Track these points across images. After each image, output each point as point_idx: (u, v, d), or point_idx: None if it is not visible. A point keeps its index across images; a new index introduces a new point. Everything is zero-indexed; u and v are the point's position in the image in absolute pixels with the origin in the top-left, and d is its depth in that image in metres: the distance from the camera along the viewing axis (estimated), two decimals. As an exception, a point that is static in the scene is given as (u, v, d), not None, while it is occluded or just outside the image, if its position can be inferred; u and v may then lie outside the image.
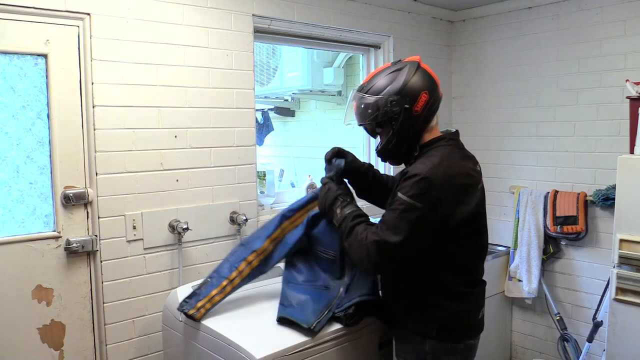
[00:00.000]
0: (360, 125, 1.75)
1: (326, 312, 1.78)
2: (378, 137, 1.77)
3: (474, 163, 1.76)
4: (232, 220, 2.63)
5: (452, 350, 1.72)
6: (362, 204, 1.92)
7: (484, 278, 1.82)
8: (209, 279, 1.92)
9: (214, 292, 1.87)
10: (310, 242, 1.93)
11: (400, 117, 1.65)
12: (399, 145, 1.70)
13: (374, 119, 1.67)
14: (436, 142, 1.70)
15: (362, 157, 3.59)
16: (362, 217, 1.71)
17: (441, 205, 1.57)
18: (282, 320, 1.78)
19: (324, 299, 1.84)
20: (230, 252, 1.98)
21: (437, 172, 1.58)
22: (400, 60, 1.73)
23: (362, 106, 1.70)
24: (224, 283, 1.88)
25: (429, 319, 1.70)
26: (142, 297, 2.38)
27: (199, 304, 1.85)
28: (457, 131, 1.78)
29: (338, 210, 1.74)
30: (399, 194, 1.59)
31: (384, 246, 1.58)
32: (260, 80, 4.16)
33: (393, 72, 1.68)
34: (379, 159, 1.82)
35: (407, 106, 1.64)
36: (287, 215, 1.94)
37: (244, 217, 2.64)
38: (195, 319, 1.83)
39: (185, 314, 1.85)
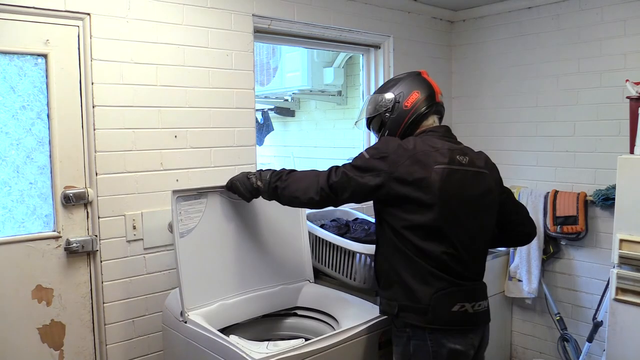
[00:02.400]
0: (367, 124, 2.01)
1: None
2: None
3: (461, 153, 1.81)
4: (232, 220, 2.63)
5: (424, 344, 1.72)
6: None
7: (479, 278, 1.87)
8: None
9: None
10: None
11: (391, 109, 1.89)
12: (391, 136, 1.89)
13: (371, 112, 1.95)
14: (416, 135, 1.87)
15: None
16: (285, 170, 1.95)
17: (385, 160, 1.72)
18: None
19: None
20: None
21: (395, 140, 1.79)
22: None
23: (366, 105, 2.01)
24: None
25: (394, 295, 1.78)
26: (142, 297, 2.38)
27: None
28: (443, 125, 1.92)
29: (258, 182, 1.98)
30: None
31: (331, 176, 1.78)
32: (260, 80, 4.16)
33: (397, 77, 1.97)
34: None
35: (398, 101, 1.88)
36: None
37: (244, 217, 2.63)
38: None
39: None
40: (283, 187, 1.88)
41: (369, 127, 2.01)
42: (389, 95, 1.89)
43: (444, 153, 1.74)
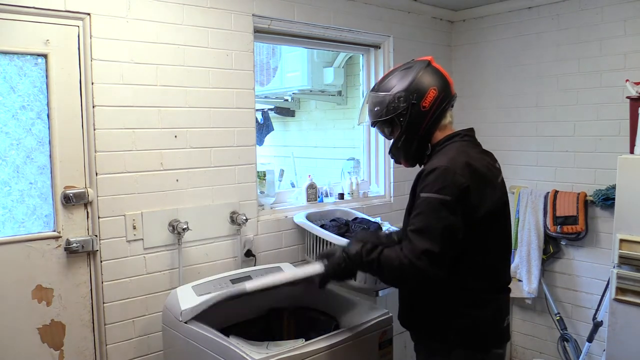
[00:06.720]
0: (372, 124, 1.75)
1: None
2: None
3: (493, 160, 1.73)
4: (232, 220, 2.63)
5: None
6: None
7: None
8: None
9: None
10: None
11: (408, 112, 1.63)
12: (409, 142, 1.68)
13: (382, 115, 1.67)
14: (451, 139, 1.67)
15: (362, 159, 3.58)
16: (380, 245, 1.62)
17: (468, 194, 1.51)
18: None
19: None
20: None
21: (457, 162, 1.54)
22: (412, 60, 1.73)
23: (372, 104, 1.71)
24: None
25: (452, 328, 1.61)
26: (142, 297, 2.38)
27: None
28: (471, 128, 1.74)
29: (361, 253, 1.61)
30: (423, 194, 1.53)
31: (428, 256, 1.47)
32: (260, 80, 4.16)
33: (403, 70, 1.69)
34: (392, 160, 1.78)
35: (414, 102, 1.63)
36: None
37: (244, 217, 2.63)
38: None
39: None
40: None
41: (374, 126, 1.78)
42: (401, 95, 1.63)
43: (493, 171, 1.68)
